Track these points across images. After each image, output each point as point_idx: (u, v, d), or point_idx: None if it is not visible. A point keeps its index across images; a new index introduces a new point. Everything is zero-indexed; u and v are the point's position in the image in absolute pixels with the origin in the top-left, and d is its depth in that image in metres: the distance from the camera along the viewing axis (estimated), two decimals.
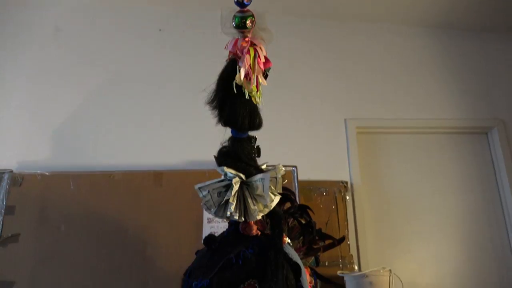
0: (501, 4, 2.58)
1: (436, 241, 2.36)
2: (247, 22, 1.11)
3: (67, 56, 2.48)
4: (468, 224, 2.41)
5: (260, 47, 1.13)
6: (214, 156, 1.21)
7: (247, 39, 1.12)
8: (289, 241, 1.32)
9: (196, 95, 1.30)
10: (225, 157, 1.18)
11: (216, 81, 1.16)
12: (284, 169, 1.20)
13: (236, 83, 1.11)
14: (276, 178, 1.17)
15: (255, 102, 1.16)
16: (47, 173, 2.06)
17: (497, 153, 2.55)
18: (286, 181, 2.07)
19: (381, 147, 2.56)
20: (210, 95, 1.17)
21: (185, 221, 2.00)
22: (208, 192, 1.12)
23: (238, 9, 1.13)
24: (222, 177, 1.15)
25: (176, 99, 2.46)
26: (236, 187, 1.10)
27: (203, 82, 1.15)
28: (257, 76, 1.13)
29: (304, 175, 2.18)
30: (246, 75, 1.11)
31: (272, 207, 1.14)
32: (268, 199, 1.12)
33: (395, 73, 2.67)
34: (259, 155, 1.21)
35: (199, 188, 1.14)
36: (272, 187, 1.15)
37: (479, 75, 2.73)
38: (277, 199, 1.15)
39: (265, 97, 1.18)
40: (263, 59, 1.14)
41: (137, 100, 2.45)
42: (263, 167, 1.20)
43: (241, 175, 1.13)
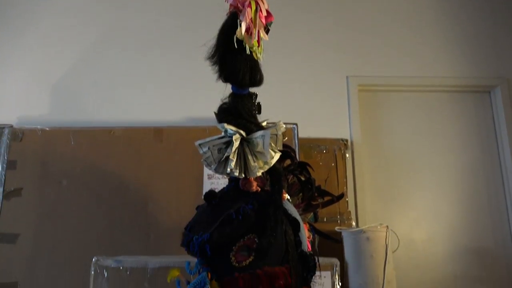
0: None
1: (433, 199, 2.39)
2: None
3: (67, 11, 2.42)
4: (466, 182, 2.43)
5: (262, 0, 1.10)
6: (214, 112, 1.20)
7: None
8: (288, 197, 1.33)
9: (196, 51, 1.27)
10: (225, 113, 1.18)
11: (216, 36, 1.14)
12: (284, 126, 1.19)
13: (236, 37, 1.09)
14: (276, 135, 1.17)
15: (256, 58, 1.14)
16: (47, 128, 2.06)
17: (498, 113, 2.54)
18: (287, 138, 2.07)
19: (382, 105, 2.54)
20: (210, 50, 1.15)
21: (185, 177, 2.02)
22: (209, 148, 1.12)
23: None
24: (223, 133, 1.14)
25: (177, 55, 2.42)
26: (236, 143, 1.10)
27: (203, 37, 1.12)
28: (258, 30, 1.10)
29: (305, 132, 2.17)
30: (247, 30, 1.08)
31: (272, 164, 1.14)
32: (268, 156, 1.12)
33: (398, 30, 2.61)
34: (259, 112, 1.20)
35: (199, 145, 1.14)
36: (273, 144, 1.15)
37: (484, 33, 2.67)
38: (277, 156, 1.15)
39: (267, 52, 1.16)
40: (264, 13, 1.11)
41: (137, 56, 2.41)
42: (264, 124, 1.19)
43: (242, 132, 1.12)
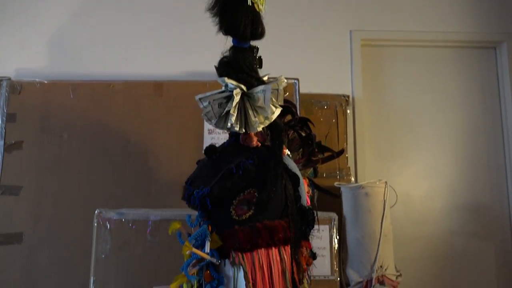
0: None
1: (432, 156, 2.40)
2: None
3: None
4: (466, 140, 2.44)
5: None
6: (215, 66, 1.19)
7: None
8: (288, 152, 1.34)
9: (197, 2, 1.24)
10: (226, 67, 1.16)
11: None
12: (286, 81, 1.18)
13: None
14: (277, 90, 1.16)
15: (257, 9, 1.11)
16: (45, 81, 2.04)
17: (503, 69, 2.50)
18: (288, 93, 2.06)
19: (385, 60, 2.50)
20: (211, 1, 1.11)
21: (186, 131, 2.02)
22: (209, 103, 1.12)
23: None
24: (223, 88, 1.13)
25: (177, 7, 2.36)
26: (237, 98, 1.09)
27: None
28: None
29: (306, 88, 2.15)
30: None
31: (273, 119, 1.14)
32: (269, 111, 1.12)
33: None
34: (260, 66, 1.18)
35: (199, 99, 1.13)
36: (273, 99, 1.14)
37: None
38: (278, 111, 1.15)
39: (268, 5, 1.12)
40: None
41: (137, 9, 2.35)
42: (265, 78, 1.18)
43: (242, 86, 1.11)
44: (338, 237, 1.76)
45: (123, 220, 1.66)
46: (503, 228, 2.34)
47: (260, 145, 1.21)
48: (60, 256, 1.90)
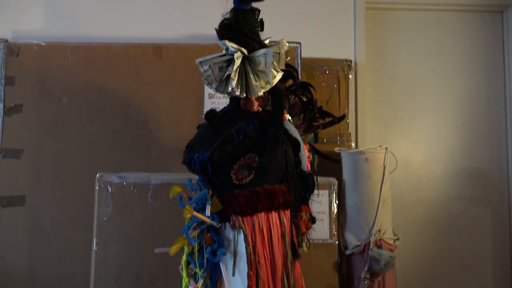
0: None
1: (433, 121, 2.39)
2: None
3: None
4: (467, 106, 2.42)
5: None
6: (215, 29, 1.16)
7: None
8: (289, 117, 1.33)
9: None
10: (226, 30, 1.14)
11: None
12: (287, 45, 1.16)
13: None
14: (279, 53, 1.14)
15: None
16: (43, 44, 2.00)
17: (509, 35, 2.45)
18: (289, 58, 2.03)
19: (389, 25, 2.45)
20: None
21: (186, 96, 2.00)
22: (209, 66, 1.10)
23: None
24: (224, 51, 1.11)
25: None
26: (238, 62, 1.08)
27: None
28: None
29: (308, 52, 2.12)
30: None
31: (274, 84, 1.13)
32: (270, 75, 1.11)
33: None
34: (262, 29, 1.16)
35: (200, 63, 1.11)
36: (275, 63, 1.12)
37: None
38: (279, 75, 1.13)
39: None
40: None
41: None
42: (266, 42, 1.16)
43: (243, 49, 1.09)
44: (337, 202, 1.78)
45: (124, 183, 1.68)
46: (501, 193, 2.36)
47: (260, 110, 1.20)
48: (63, 218, 1.93)
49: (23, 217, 1.92)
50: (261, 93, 1.12)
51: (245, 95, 1.10)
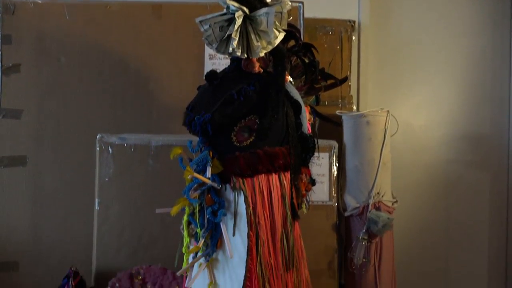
0: None
1: (436, 84, 2.37)
2: None
3: None
4: (471, 69, 2.39)
5: None
6: None
7: None
8: (291, 79, 1.32)
9: None
10: None
11: None
12: (290, 4, 1.14)
13: None
14: (281, 13, 1.12)
15: None
16: (39, 1, 1.96)
17: None
18: (291, 18, 1.97)
19: None
20: None
21: (186, 56, 1.97)
22: (210, 26, 1.08)
23: None
24: (225, 10, 1.09)
25: None
26: (239, 21, 1.05)
27: None
28: None
29: (310, 12, 2.07)
30: None
31: (276, 44, 1.11)
32: (272, 36, 1.08)
33: None
34: None
35: (200, 22, 1.09)
36: (277, 23, 1.10)
37: None
38: (281, 36, 1.11)
39: None
40: None
41: None
42: (268, 0, 1.13)
43: (245, 8, 1.06)
44: (337, 164, 1.79)
45: (125, 145, 1.68)
46: (500, 157, 2.37)
47: (262, 71, 1.19)
48: (64, 178, 1.94)
49: (25, 178, 1.94)
50: (262, 54, 1.10)
51: (246, 55, 1.08)
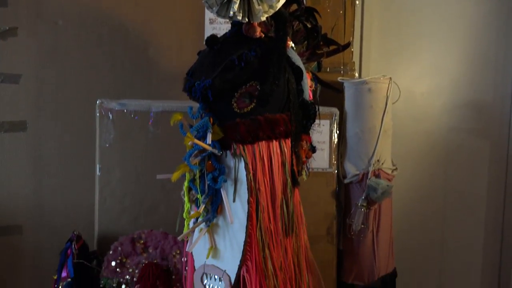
0: None
1: (440, 51, 2.33)
2: None
3: None
4: (476, 35, 2.35)
5: None
6: None
7: None
8: (292, 45, 1.30)
9: None
10: None
11: None
12: None
13: None
14: None
15: None
16: None
17: None
18: None
19: None
20: None
21: (186, 21, 1.94)
22: None
23: None
24: None
25: None
26: None
27: None
28: None
29: None
30: None
31: (278, 8, 1.08)
32: None
33: None
34: None
35: None
36: None
37: None
38: None
39: None
40: None
41: None
42: None
43: None
44: (338, 131, 1.79)
45: (125, 110, 1.67)
46: (501, 125, 2.36)
47: (263, 36, 1.17)
48: (65, 144, 1.95)
49: (26, 143, 1.94)
50: (264, 18, 1.08)
51: (247, 20, 1.06)
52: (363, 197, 1.74)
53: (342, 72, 2.02)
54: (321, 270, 1.31)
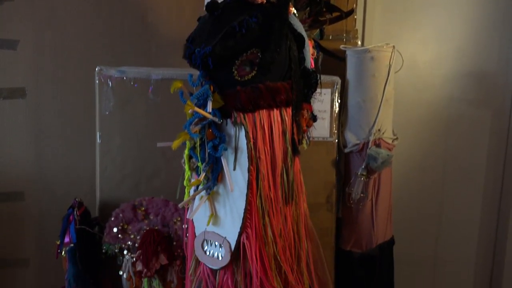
0: None
1: (444, 20, 2.29)
2: None
3: None
4: (480, 5, 2.29)
5: None
6: None
7: None
8: (295, 11, 1.27)
9: None
10: None
11: None
12: None
13: None
14: None
15: None
16: None
17: None
18: None
19: None
20: None
21: None
22: None
23: None
24: None
25: None
26: None
27: None
28: None
29: None
30: None
31: None
32: None
33: None
34: None
35: None
36: None
37: None
38: None
39: None
40: None
41: None
42: None
43: None
44: (339, 100, 1.77)
45: (125, 78, 1.65)
46: (504, 96, 2.34)
47: (265, 1, 1.14)
48: (65, 111, 1.95)
49: (25, 110, 1.94)
50: None
51: None
52: (363, 166, 1.75)
53: (344, 40, 1.99)
54: (320, 237, 1.32)
